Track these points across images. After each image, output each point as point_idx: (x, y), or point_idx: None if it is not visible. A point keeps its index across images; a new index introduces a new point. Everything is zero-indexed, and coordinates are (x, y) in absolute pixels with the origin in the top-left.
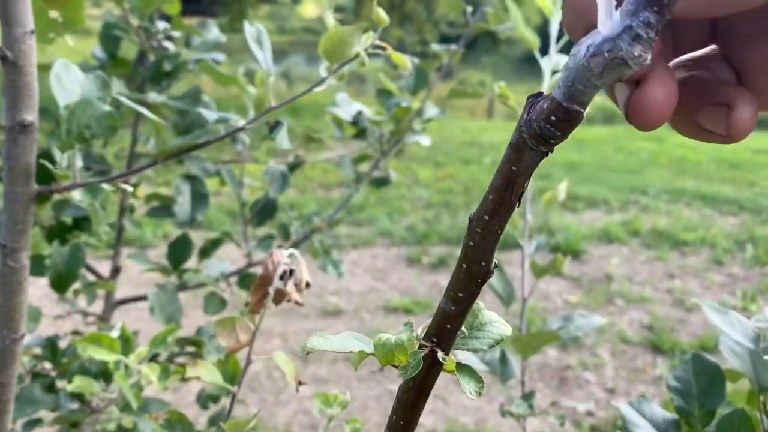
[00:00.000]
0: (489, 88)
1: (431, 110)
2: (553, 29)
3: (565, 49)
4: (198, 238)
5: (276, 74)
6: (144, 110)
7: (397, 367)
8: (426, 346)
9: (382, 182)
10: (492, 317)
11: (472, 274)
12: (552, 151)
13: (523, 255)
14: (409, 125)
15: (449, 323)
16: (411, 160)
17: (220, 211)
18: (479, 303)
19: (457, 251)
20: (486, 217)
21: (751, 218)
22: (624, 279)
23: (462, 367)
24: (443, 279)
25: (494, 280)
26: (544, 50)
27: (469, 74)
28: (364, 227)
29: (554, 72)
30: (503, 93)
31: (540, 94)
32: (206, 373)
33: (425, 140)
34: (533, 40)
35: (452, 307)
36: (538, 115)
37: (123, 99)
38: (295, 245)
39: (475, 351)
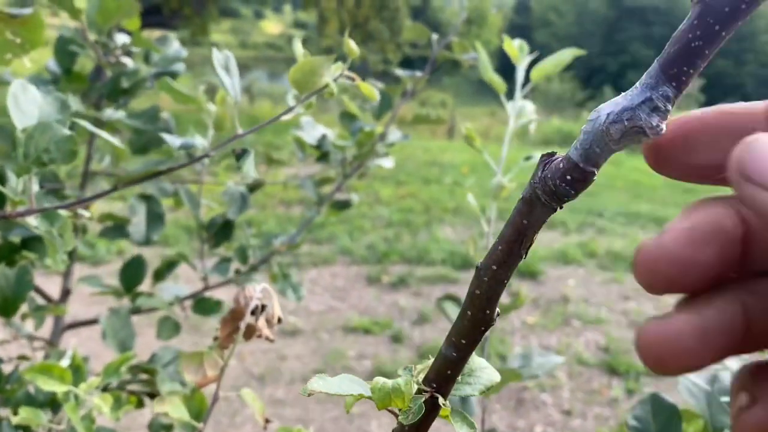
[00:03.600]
0: (450, 109)
1: (394, 134)
2: (519, 76)
3: (529, 96)
4: (154, 254)
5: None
6: (104, 134)
7: (393, 413)
8: (426, 391)
9: (343, 205)
10: (481, 363)
11: (476, 322)
12: (561, 208)
13: None
14: (372, 149)
15: (450, 369)
16: (372, 179)
17: (177, 227)
18: None
19: (418, 270)
20: (494, 267)
21: None
22: (580, 300)
23: (455, 413)
24: (403, 298)
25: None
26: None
27: (430, 94)
28: (324, 245)
29: (518, 117)
30: (470, 135)
31: (553, 153)
32: (173, 409)
33: (388, 163)
34: (500, 84)
35: (454, 353)
36: (554, 173)
37: (81, 122)
38: (253, 268)
39: (468, 396)
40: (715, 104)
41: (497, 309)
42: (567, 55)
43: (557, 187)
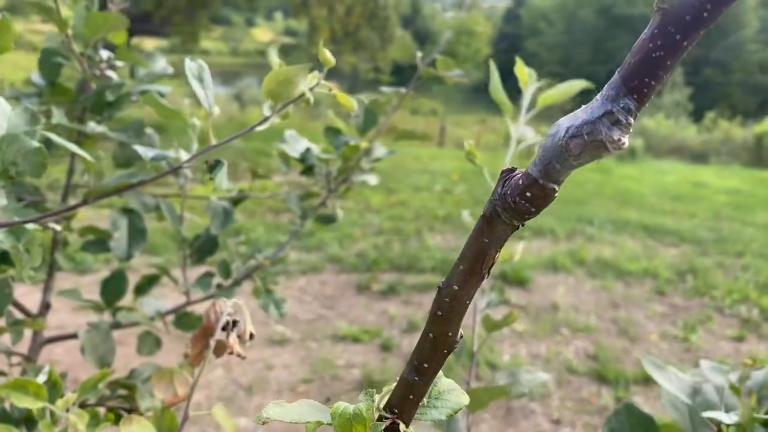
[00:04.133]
0: (441, 117)
1: (380, 150)
2: (525, 101)
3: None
4: (141, 263)
5: (228, 96)
6: (74, 147)
7: None
8: (387, 417)
9: (328, 220)
10: (450, 385)
11: (438, 345)
12: (523, 225)
13: (475, 310)
14: (357, 164)
15: (412, 394)
16: (363, 186)
17: (165, 236)
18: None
19: (408, 278)
20: (455, 288)
21: (691, 249)
22: (570, 308)
23: None
24: (392, 307)
25: None
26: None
27: (421, 102)
28: (314, 253)
29: (520, 141)
30: (471, 151)
31: (514, 169)
32: (140, 429)
33: (373, 180)
34: (509, 107)
35: (416, 378)
36: (513, 190)
37: (52, 136)
38: (236, 283)
39: (434, 421)
40: (704, 113)
41: (460, 330)
42: (575, 86)
43: (517, 204)
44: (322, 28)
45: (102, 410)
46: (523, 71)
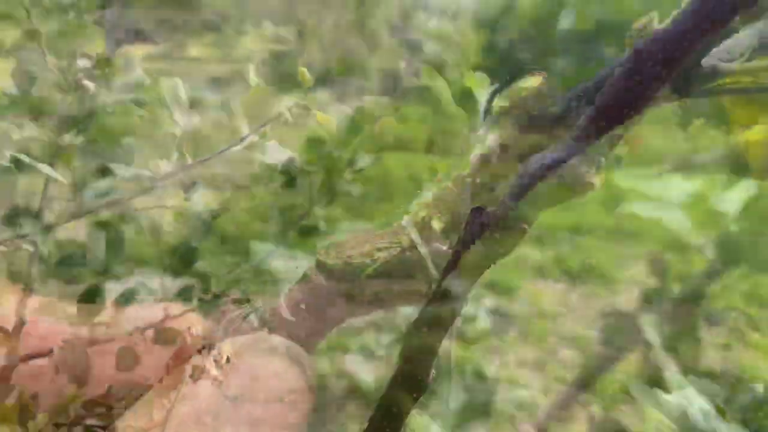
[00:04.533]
0: (429, 124)
1: (363, 160)
2: (481, 107)
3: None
4: (128, 272)
5: (218, 104)
6: (45, 168)
7: None
8: None
9: (310, 231)
10: (422, 422)
11: (408, 389)
12: (495, 264)
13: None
14: (340, 174)
15: None
16: (350, 195)
17: (151, 244)
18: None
19: (396, 286)
20: (425, 330)
21: (678, 257)
22: (557, 316)
23: None
24: (382, 314)
25: None
26: None
27: (412, 109)
28: (303, 260)
29: (481, 145)
30: (434, 168)
31: (484, 208)
32: None
33: (356, 190)
34: (462, 114)
35: (386, 423)
36: (484, 229)
37: (23, 157)
38: (217, 296)
39: None
40: (691, 120)
41: (432, 371)
42: (531, 82)
43: (487, 244)
44: (311, 36)
45: (78, 429)
46: (473, 79)
